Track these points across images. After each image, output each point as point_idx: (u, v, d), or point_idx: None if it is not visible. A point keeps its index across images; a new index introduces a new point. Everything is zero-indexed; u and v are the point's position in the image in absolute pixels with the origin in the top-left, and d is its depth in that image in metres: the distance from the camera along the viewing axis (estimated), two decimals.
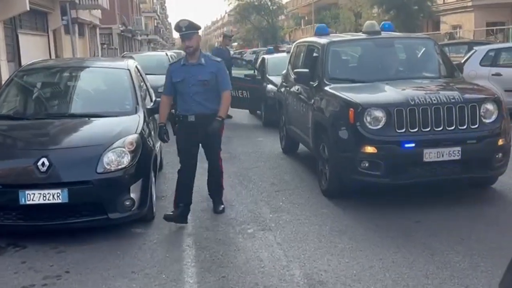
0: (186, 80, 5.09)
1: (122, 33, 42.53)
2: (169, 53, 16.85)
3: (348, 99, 5.56)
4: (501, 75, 10.98)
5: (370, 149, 5.23)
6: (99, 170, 4.68)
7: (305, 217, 5.33)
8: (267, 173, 7.27)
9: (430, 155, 5.17)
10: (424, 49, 7.07)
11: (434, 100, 5.26)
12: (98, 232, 4.84)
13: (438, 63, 6.86)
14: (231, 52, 18.64)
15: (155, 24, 74.59)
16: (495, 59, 11.34)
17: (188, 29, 5.00)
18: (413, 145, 5.18)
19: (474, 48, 12.12)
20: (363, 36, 7.16)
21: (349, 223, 5.12)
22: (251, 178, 7.05)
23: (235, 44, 66.25)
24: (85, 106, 5.67)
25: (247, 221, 5.26)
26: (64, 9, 17.07)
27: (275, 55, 14.41)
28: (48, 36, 20.84)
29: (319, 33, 7.55)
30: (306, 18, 54.10)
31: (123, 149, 4.84)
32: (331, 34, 7.79)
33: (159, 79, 12.55)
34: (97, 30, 32.00)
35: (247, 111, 13.68)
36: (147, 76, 13.23)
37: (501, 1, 24.84)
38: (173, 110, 5.28)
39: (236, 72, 14.58)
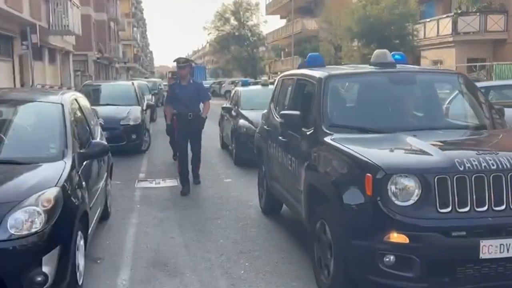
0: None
1: (98, 61, 41.43)
2: (137, 82, 15.76)
3: (363, 158, 3.77)
4: None
5: (397, 238, 3.45)
6: (1, 236, 3.58)
7: None
8: (231, 227, 6.20)
9: (490, 248, 3.43)
10: (455, 86, 5.55)
11: (493, 164, 3.55)
12: None
13: (477, 106, 5.14)
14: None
15: (135, 52, 73.76)
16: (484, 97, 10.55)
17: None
18: (463, 233, 3.48)
19: None
20: (373, 69, 5.37)
21: None
22: (211, 233, 5.97)
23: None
24: (11, 149, 4.51)
25: None
26: (24, 34, 15.92)
27: (250, 87, 13.96)
28: (13, 61, 19.69)
29: (312, 63, 5.85)
30: (286, 50, 53.76)
31: (37, 208, 3.74)
32: (327, 66, 6.01)
33: (123, 110, 11.84)
34: (70, 56, 30.86)
35: (219, 146, 12.80)
36: (110, 107, 12.23)
37: (482, 38, 24.54)
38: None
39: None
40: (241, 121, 10.36)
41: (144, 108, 13.00)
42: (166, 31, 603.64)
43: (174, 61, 8.22)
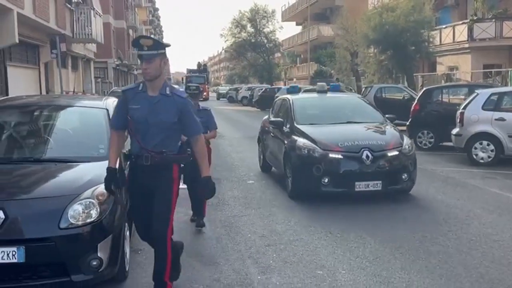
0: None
1: (118, 67, 42.33)
2: None
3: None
4: (504, 120, 10.53)
5: None
6: (63, 225, 4.07)
7: (298, 280, 4.71)
8: (257, 223, 6.66)
9: None
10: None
11: None
12: None
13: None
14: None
15: None
16: (498, 103, 10.91)
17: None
18: None
19: (476, 91, 11.69)
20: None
21: None
22: (239, 228, 6.43)
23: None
24: (53, 150, 5.05)
25: (231, 284, 4.63)
26: (53, 42, 16.64)
27: (303, 95, 10.71)
28: (39, 69, 20.43)
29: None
30: (302, 56, 54.28)
31: (92, 201, 4.24)
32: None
33: None
34: (91, 63, 31.68)
35: (258, 168, 10.63)
36: None
37: (498, 44, 24.73)
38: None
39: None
40: (300, 141, 7.86)
41: None
42: (182, 38, 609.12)
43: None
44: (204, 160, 4.12)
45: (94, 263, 4.16)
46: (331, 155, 7.46)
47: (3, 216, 3.99)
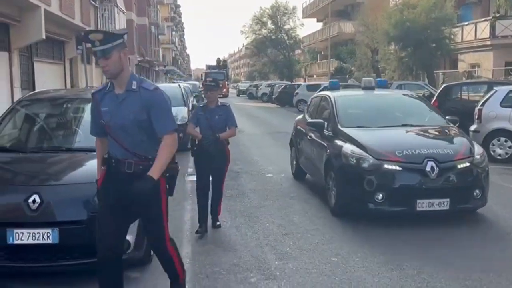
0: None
1: (140, 64, 42.88)
2: (183, 85, 16.72)
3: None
4: None
5: None
6: (93, 209, 4.37)
7: (313, 266, 4.95)
8: (275, 214, 6.90)
9: None
10: None
11: None
12: (90, 276, 4.49)
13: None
14: None
15: (173, 56, 75.53)
16: None
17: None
18: None
19: (494, 88, 11.74)
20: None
21: (361, 275, 4.72)
22: (258, 218, 6.69)
23: None
24: (82, 140, 5.36)
25: (250, 269, 4.89)
26: (79, 39, 17.10)
27: (346, 93, 9.44)
28: (64, 64, 20.95)
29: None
30: (323, 53, 54.26)
31: None
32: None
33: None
34: None
35: (290, 175, 9.50)
36: None
37: None
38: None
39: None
40: (347, 147, 6.58)
41: (190, 108, 13.85)
42: (202, 34, 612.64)
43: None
44: (159, 161, 3.46)
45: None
46: (387, 166, 6.15)
47: (39, 200, 4.31)
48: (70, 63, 21.55)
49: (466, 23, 27.26)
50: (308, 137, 8.24)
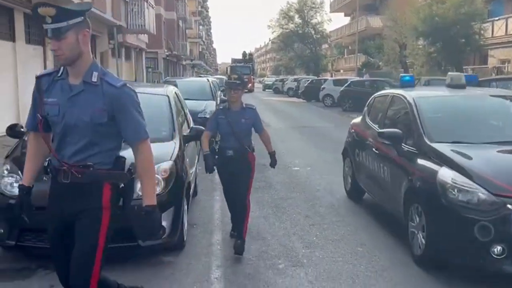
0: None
1: (167, 58, 43.43)
2: (211, 79, 17.02)
3: None
4: None
5: None
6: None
7: (339, 255, 5.14)
8: (302, 205, 7.11)
9: None
10: None
11: None
12: (128, 259, 4.78)
13: None
14: None
15: (200, 50, 76.04)
16: None
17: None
18: None
19: None
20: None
21: (385, 263, 4.90)
22: (285, 209, 6.90)
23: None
24: None
25: (278, 256, 5.11)
26: (111, 33, 17.56)
27: (431, 93, 6.87)
28: (96, 58, 21.48)
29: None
30: (350, 48, 54.04)
31: (157, 176, 4.78)
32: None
33: (200, 104, 12.99)
34: (143, 54, 32.77)
35: (342, 191, 7.74)
36: (188, 101, 13.49)
37: None
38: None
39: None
40: (446, 173, 4.58)
41: (218, 102, 14.11)
42: (229, 29, 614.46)
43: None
44: (149, 180, 2.91)
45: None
46: (510, 205, 4.17)
47: None
48: (101, 57, 22.09)
49: (497, 18, 26.89)
50: (374, 149, 6.27)
